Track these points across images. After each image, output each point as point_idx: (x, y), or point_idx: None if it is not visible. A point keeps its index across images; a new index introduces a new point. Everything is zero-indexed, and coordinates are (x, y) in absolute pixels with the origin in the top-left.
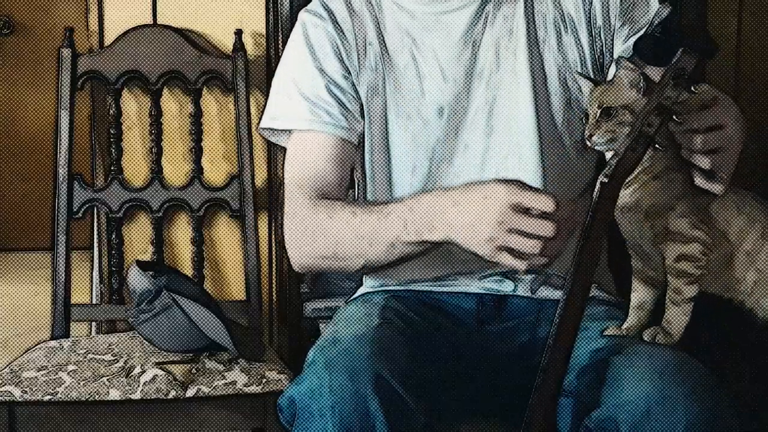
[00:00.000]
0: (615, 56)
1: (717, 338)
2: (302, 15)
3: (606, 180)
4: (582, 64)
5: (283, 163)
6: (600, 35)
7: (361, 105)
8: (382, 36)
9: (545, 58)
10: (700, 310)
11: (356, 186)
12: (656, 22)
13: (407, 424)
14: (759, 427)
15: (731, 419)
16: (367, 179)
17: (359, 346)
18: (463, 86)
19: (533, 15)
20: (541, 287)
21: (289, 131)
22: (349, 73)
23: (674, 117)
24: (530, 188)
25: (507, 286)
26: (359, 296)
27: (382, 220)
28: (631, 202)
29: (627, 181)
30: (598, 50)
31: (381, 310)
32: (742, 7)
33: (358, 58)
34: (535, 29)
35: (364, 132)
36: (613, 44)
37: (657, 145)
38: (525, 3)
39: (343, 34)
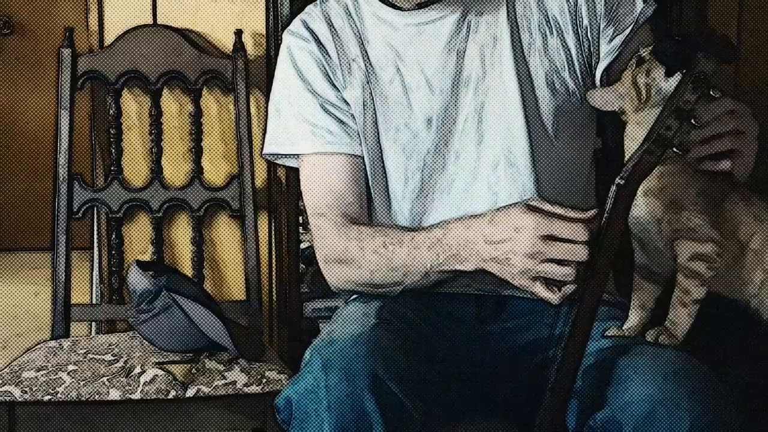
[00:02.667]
0: (601, 56)
1: (719, 338)
2: (286, 38)
3: (622, 182)
4: (569, 67)
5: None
6: (587, 36)
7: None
8: (366, 50)
9: (531, 63)
10: (704, 310)
11: None
12: (641, 21)
13: (404, 424)
14: (761, 427)
15: (734, 420)
16: (370, 190)
17: (355, 346)
18: (450, 96)
19: (516, 20)
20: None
21: (296, 154)
22: (339, 90)
23: (692, 120)
24: (557, 214)
25: (507, 287)
26: (358, 296)
27: (413, 251)
28: (655, 187)
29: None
30: (586, 51)
31: (378, 310)
32: (742, 7)
33: (343, 76)
34: (519, 34)
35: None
36: (599, 44)
37: (675, 149)
38: (507, 9)
39: (327, 53)
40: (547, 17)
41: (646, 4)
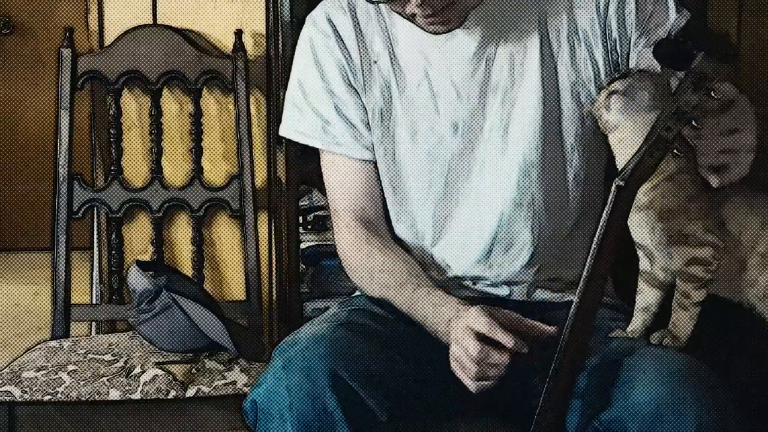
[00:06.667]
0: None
1: (721, 339)
2: (308, 28)
3: (622, 184)
4: (596, 79)
5: (283, 163)
6: (616, 48)
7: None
8: (393, 51)
9: (559, 74)
10: (706, 312)
11: None
12: (674, 32)
13: (369, 423)
14: (764, 428)
15: (739, 421)
16: (386, 193)
17: (315, 346)
18: (477, 103)
19: (547, 30)
20: (537, 290)
21: None
22: (356, 91)
23: (693, 122)
24: (499, 323)
25: (502, 290)
26: (346, 298)
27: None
28: (644, 203)
29: None
30: (614, 63)
31: (351, 312)
32: (742, 7)
33: (363, 77)
34: (549, 44)
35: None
36: (629, 57)
37: (675, 151)
38: (539, 19)
39: (348, 52)
40: (576, 29)
41: (679, 14)
